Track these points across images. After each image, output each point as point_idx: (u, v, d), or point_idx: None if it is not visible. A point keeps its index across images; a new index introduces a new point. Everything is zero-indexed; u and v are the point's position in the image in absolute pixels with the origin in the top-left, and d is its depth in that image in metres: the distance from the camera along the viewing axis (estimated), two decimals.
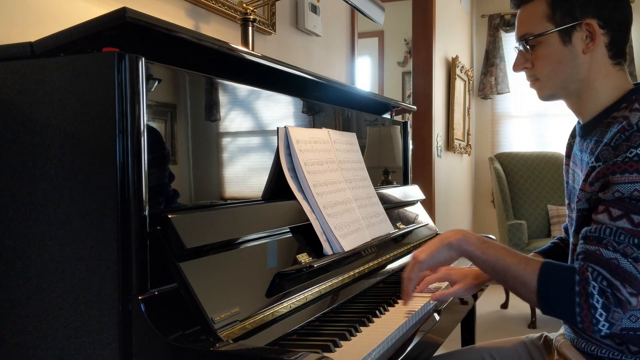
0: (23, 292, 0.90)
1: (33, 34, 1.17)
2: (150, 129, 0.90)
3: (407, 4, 4.35)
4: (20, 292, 0.90)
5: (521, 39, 1.22)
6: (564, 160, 1.36)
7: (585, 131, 1.24)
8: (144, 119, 0.86)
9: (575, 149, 1.29)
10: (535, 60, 1.21)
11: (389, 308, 1.27)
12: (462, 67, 4.82)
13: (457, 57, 4.62)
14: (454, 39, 4.72)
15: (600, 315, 1.04)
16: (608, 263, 1.05)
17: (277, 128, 1.27)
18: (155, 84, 0.93)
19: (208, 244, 0.94)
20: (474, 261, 1.20)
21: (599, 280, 1.05)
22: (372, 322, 1.16)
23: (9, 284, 0.91)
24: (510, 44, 5.42)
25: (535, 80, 1.24)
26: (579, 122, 1.27)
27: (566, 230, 1.45)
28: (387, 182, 1.96)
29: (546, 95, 1.25)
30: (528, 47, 1.21)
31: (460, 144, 4.81)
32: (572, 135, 1.35)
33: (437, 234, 2.01)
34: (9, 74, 0.91)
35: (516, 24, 1.25)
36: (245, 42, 1.67)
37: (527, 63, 1.23)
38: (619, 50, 1.20)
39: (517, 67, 1.25)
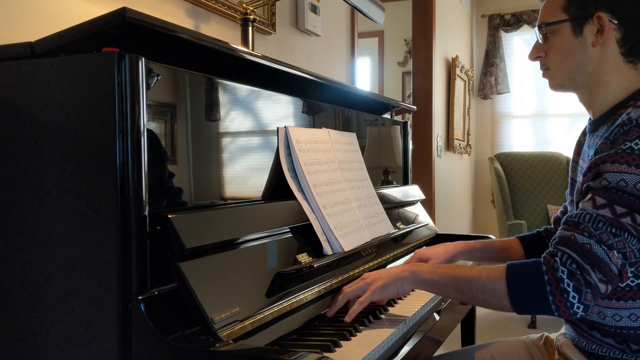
0: (23, 291, 0.90)
1: (33, 34, 1.17)
2: (150, 129, 0.90)
3: (407, 4, 4.35)
4: (20, 291, 0.90)
5: (538, 28, 1.26)
6: (572, 157, 1.37)
7: (594, 127, 1.25)
8: (144, 119, 0.86)
9: (585, 145, 1.30)
10: (548, 49, 1.25)
11: (389, 308, 1.27)
12: (462, 67, 4.81)
13: (457, 57, 4.61)
14: (454, 39, 4.72)
15: (574, 297, 1.03)
16: (580, 247, 1.05)
17: (277, 128, 1.27)
18: (156, 84, 0.93)
19: (208, 244, 0.94)
20: (434, 289, 1.19)
21: (568, 264, 1.05)
22: (372, 322, 1.16)
23: (8, 284, 0.91)
24: (510, 44, 5.42)
25: (546, 70, 1.28)
26: (590, 119, 1.29)
27: (556, 221, 1.47)
28: (387, 182, 1.96)
29: (555, 85, 1.28)
30: (542, 36, 1.25)
31: (460, 144, 4.81)
32: (583, 133, 1.36)
33: (437, 234, 2.01)
34: (9, 74, 0.91)
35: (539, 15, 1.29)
36: (245, 42, 1.67)
37: (541, 52, 1.27)
38: (632, 48, 1.20)
39: (531, 56, 1.30)
